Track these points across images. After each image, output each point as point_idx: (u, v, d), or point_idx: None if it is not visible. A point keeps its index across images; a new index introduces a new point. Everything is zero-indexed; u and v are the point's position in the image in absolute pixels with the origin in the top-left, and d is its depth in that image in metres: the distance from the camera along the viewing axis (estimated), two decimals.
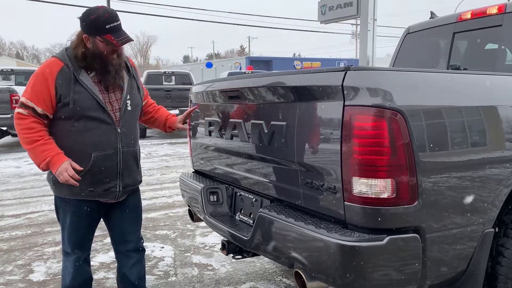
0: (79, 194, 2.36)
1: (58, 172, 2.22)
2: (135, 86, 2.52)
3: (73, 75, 2.27)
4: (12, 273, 3.55)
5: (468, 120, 1.91)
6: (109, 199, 2.46)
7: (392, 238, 1.72)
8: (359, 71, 1.80)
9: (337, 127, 1.80)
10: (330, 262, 1.78)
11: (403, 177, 1.72)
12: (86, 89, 2.29)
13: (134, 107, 2.48)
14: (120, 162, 2.41)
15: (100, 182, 2.37)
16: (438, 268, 1.88)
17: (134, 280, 2.60)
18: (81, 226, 2.46)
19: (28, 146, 2.25)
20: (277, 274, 3.45)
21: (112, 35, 2.27)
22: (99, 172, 2.35)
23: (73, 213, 2.42)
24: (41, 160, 2.24)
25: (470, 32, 3.52)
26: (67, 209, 2.43)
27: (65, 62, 2.28)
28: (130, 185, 2.51)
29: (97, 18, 2.26)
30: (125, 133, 2.42)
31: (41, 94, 2.24)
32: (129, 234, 2.61)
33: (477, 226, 1.94)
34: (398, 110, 1.72)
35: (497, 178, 1.97)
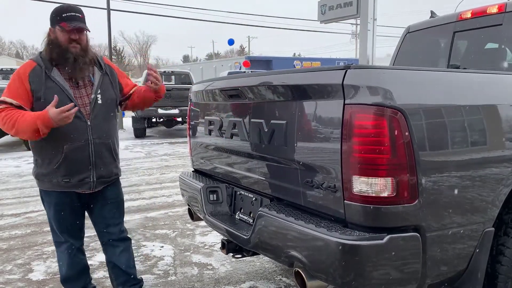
0: (58, 186, 2.52)
1: (55, 119, 2.29)
2: (107, 82, 2.65)
3: (45, 73, 2.44)
4: (12, 272, 3.55)
5: (468, 119, 1.90)
6: (85, 189, 2.57)
7: (392, 237, 1.72)
8: (359, 69, 1.80)
9: (337, 126, 1.80)
10: (330, 261, 1.78)
11: (403, 176, 1.71)
12: (57, 84, 2.45)
13: (105, 100, 2.60)
14: (92, 153, 2.52)
15: (74, 173, 2.51)
16: (438, 267, 1.88)
17: (124, 267, 2.69)
18: (64, 217, 2.60)
19: (14, 127, 2.34)
20: (277, 274, 3.44)
21: (66, 23, 2.44)
22: (72, 163, 2.49)
23: (55, 204, 2.58)
24: (31, 124, 2.30)
25: (470, 32, 3.52)
26: (50, 200, 2.59)
27: (37, 62, 2.48)
28: (105, 176, 2.62)
29: (57, 8, 2.50)
30: (96, 125, 2.54)
31: (16, 91, 2.41)
32: (111, 226, 2.72)
33: (477, 225, 1.94)
34: (398, 108, 1.72)
35: (497, 177, 1.97)
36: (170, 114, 12.85)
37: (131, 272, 2.72)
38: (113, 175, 2.69)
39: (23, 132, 2.37)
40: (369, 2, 9.90)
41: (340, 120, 1.78)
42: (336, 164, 1.81)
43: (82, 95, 2.54)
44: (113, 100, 2.69)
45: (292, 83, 2.05)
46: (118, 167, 2.73)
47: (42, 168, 2.54)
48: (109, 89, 2.65)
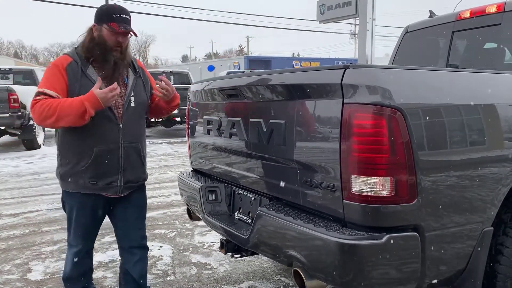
0: (83, 187, 2.44)
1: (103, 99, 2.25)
2: (140, 85, 2.59)
3: (81, 69, 2.37)
4: (10, 272, 3.54)
5: (467, 118, 1.90)
6: (111, 193, 2.50)
7: (391, 237, 1.72)
8: (358, 69, 1.80)
9: (336, 125, 1.79)
10: (329, 261, 1.78)
11: (402, 175, 1.71)
12: (92, 82, 2.35)
13: (137, 104, 2.53)
14: (122, 157, 2.46)
15: (102, 176, 2.43)
16: (437, 267, 1.88)
17: (137, 277, 2.64)
18: (85, 219, 2.51)
19: (55, 114, 2.24)
20: (276, 273, 3.44)
21: (116, 24, 2.37)
22: (101, 166, 2.41)
23: (78, 206, 2.49)
24: (77, 107, 2.23)
25: (469, 31, 3.52)
26: (73, 202, 2.50)
27: (73, 57, 2.40)
28: (133, 181, 2.55)
29: (108, 7, 2.44)
30: (127, 129, 2.47)
31: (56, 83, 2.33)
32: (132, 232, 2.65)
33: (476, 224, 1.94)
34: (397, 108, 1.72)
35: (496, 177, 1.97)
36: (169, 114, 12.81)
37: (142, 283, 2.66)
38: (140, 180, 2.62)
39: (67, 116, 2.25)
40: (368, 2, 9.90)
41: (339, 120, 1.78)
42: (335, 164, 1.81)
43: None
44: (145, 103, 2.63)
45: (291, 82, 2.04)
46: (145, 172, 2.67)
47: (67, 168, 2.45)
48: (142, 92, 2.60)
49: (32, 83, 11.75)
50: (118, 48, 2.43)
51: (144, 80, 2.63)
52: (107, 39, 2.40)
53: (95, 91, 2.26)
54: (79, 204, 2.49)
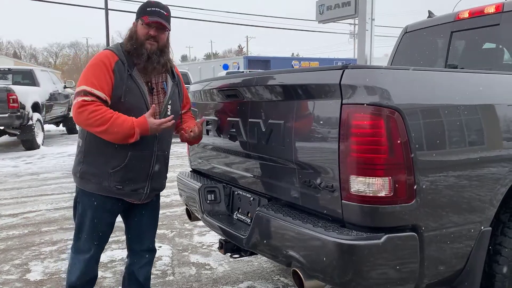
0: (106, 191, 2.35)
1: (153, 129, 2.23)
2: (176, 93, 2.52)
3: (127, 70, 2.29)
4: (9, 273, 3.54)
5: (466, 119, 1.90)
6: (134, 199, 2.44)
7: (390, 237, 1.72)
8: (356, 69, 1.80)
9: (334, 126, 1.80)
10: (328, 261, 1.78)
11: (400, 176, 1.72)
12: (138, 86, 2.31)
13: (173, 112, 2.45)
14: (153, 165, 2.41)
15: (130, 181, 2.36)
16: (435, 267, 1.88)
17: (142, 280, 2.62)
18: (102, 223, 2.42)
19: (104, 126, 2.16)
20: (275, 273, 3.44)
21: (148, 16, 2.32)
22: (131, 172, 2.34)
23: (96, 208, 2.38)
24: (127, 129, 2.18)
25: (468, 31, 3.52)
26: (91, 203, 2.38)
27: (120, 56, 2.31)
28: (157, 189, 2.52)
29: (145, 2, 2.39)
30: (162, 137, 2.42)
31: (104, 82, 2.22)
32: (146, 236, 2.63)
33: (474, 225, 1.94)
34: (395, 108, 1.72)
35: (494, 177, 1.97)
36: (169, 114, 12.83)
37: (146, 285, 2.65)
38: (162, 188, 2.58)
39: (115, 134, 2.18)
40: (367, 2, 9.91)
41: (338, 120, 1.78)
42: (333, 164, 1.81)
43: (154, 103, 2.38)
44: (178, 114, 2.55)
45: (290, 83, 2.05)
46: (166, 179, 2.61)
47: (92, 167, 2.34)
48: (177, 101, 2.52)
49: (31, 83, 11.75)
50: (154, 43, 2.34)
51: (179, 89, 2.56)
52: (139, 33, 2.34)
53: (149, 120, 2.21)
54: (97, 206, 2.38)
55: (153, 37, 2.33)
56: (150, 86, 2.39)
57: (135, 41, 2.33)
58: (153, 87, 2.40)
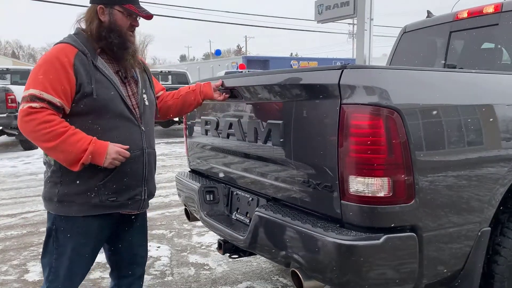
0: (97, 208, 1.97)
1: (111, 157, 1.88)
2: (147, 80, 2.21)
3: (92, 62, 1.93)
4: (7, 273, 3.53)
5: (465, 118, 1.90)
6: (132, 209, 2.08)
7: (389, 237, 1.72)
8: (355, 69, 1.80)
9: (333, 126, 1.79)
10: (327, 261, 1.78)
11: (399, 176, 1.71)
12: (107, 78, 1.96)
13: (150, 102, 2.16)
14: (145, 165, 2.08)
15: (125, 189, 2.02)
16: (434, 267, 1.88)
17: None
18: (86, 252, 2.03)
19: (54, 142, 1.81)
20: (274, 274, 3.44)
21: (135, 6, 2.03)
22: (124, 178, 2.00)
23: (80, 234, 1.98)
24: (79, 152, 1.83)
25: (467, 31, 3.52)
26: (72, 230, 1.97)
27: (79, 47, 1.93)
28: (152, 193, 2.20)
29: None
30: (147, 131, 2.11)
31: (57, 83, 1.84)
32: (139, 257, 2.28)
33: (473, 225, 1.94)
34: (394, 108, 1.72)
35: (493, 177, 1.97)
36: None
37: None
38: (155, 191, 2.25)
39: (62, 151, 1.83)
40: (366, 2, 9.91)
41: (337, 120, 1.77)
42: (332, 164, 1.81)
43: (129, 94, 2.05)
44: (154, 102, 2.24)
45: (289, 83, 2.04)
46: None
47: (74, 185, 1.94)
48: (150, 89, 2.20)
49: None
50: (132, 33, 2.07)
51: (149, 76, 2.23)
52: (121, 23, 2.01)
53: (110, 147, 1.88)
54: (81, 232, 1.98)
55: (134, 29, 2.07)
56: (121, 75, 2.05)
57: (117, 33, 2.00)
58: (125, 75, 2.06)
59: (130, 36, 2.06)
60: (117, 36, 2.00)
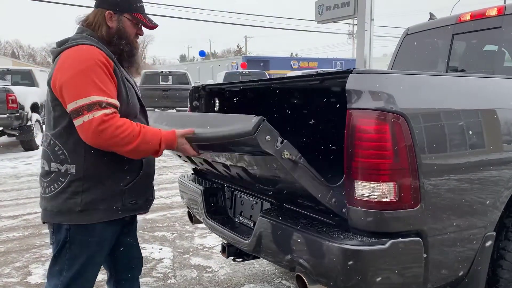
0: (117, 212, 1.95)
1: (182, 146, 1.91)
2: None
3: (117, 67, 1.92)
4: (10, 276, 3.53)
5: (470, 122, 1.90)
6: (145, 210, 2.11)
7: (395, 242, 1.72)
8: (361, 74, 1.80)
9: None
10: (332, 266, 1.78)
11: (405, 181, 1.71)
12: (131, 83, 2.00)
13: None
14: (153, 165, 2.13)
15: (144, 191, 2.05)
16: (439, 272, 1.88)
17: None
18: (100, 260, 2.01)
19: (135, 142, 1.78)
20: (277, 276, 3.44)
21: (143, 16, 2.04)
22: (144, 181, 2.02)
23: (96, 242, 1.94)
24: (156, 142, 1.83)
25: (470, 34, 3.52)
26: (89, 239, 1.92)
27: (105, 51, 1.89)
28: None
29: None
30: None
31: (112, 87, 1.84)
32: (137, 259, 2.27)
33: (478, 229, 1.94)
34: (400, 113, 1.72)
35: (498, 180, 1.97)
36: None
37: None
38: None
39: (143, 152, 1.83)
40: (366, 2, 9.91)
41: None
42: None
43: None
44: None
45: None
46: None
47: (99, 191, 1.88)
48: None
49: (30, 83, 11.72)
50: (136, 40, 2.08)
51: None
52: (129, 31, 2.01)
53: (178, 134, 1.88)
54: (99, 239, 1.94)
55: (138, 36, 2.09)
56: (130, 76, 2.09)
57: (126, 40, 2.01)
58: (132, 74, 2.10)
59: (136, 43, 2.07)
60: (126, 44, 2.01)
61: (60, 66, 1.82)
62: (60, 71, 1.81)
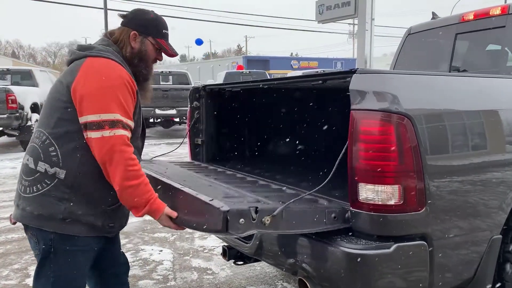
0: (97, 231, 1.88)
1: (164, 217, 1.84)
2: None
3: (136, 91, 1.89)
4: (8, 278, 3.49)
5: (476, 123, 1.87)
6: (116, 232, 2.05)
7: (400, 246, 1.69)
8: (365, 74, 1.76)
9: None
10: (336, 270, 1.74)
11: (410, 183, 1.68)
12: (140, 106, 1.94)
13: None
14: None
15: (121, 217, 1.98)
16: (445, 276, 1.85)
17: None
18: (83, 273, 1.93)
19: (137, 180, 1.74)
20: (278, 278, 3.40)
21: (166, 43, 2.03)
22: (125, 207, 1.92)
23: (82, 253, 1.87)
24: (144, 201, 1.77)
25: (473, 33, 3.49)
26: (73, 248, 1.84)
27: (130, 72, 1.88)
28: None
29: (157, 18, 2.03)
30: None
31: (132, 110, 1.83)
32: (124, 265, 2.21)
33: (484, 232, 1.91)
34: (405, 114, 1.68)
35: (504, 182, 1.94)
36: (168, 115, 12.80)
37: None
38: None
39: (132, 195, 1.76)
40: (367, 2, 9.88)
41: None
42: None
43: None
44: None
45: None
46: None
47: (81, 206, 1.80)
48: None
49: (30, 83, 11.69)
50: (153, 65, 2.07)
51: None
52: (150, 55, 2.00)
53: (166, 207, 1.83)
54: (83, 250, 1.87)
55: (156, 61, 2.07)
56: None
57: (145, 63, 2.00)
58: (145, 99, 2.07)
59: (152, 69, 2.05)
60: (145, 67, 1.99)
61: (85, 74, 1.78)
62: (85, 79, 1.77)
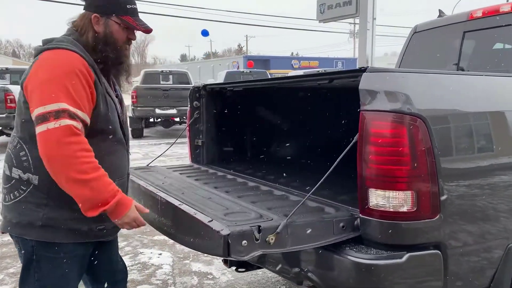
0: (84, 236, 1.75)
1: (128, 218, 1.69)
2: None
3: (99, 79, 1.74)
4: (3, 282, 3.40)
5: (492, 124, 1.77)
6: (113, 235, 1.94)
7: (412, 255, 1.59)
8: (375, 73, 1.66)
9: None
10: (344, 281, 1.64)
11: (424, 189, 1.58)
12: (111, 96, 1.80)
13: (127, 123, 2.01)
14: (127, 190, 1.95)
15: None
16: (459, 285, 1.75)
17: None
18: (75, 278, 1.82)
19: (90, 175, 1.57)
20: (280, 284, 3.31)
21: (133, 19, 1.84)
22: None
23: (68, 260, 1.75)
24: (108, 197, 1.62)
25: (481, 31, 3.39)
26: (57, 257, 1.72)
27: (88, 60, 1.71)
28: None
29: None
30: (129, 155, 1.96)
31: (86, 101, 1.64)
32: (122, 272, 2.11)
33: (500, 240, 1.81)
34: (418, 115, 1.58)
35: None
36: (168, 114, 12.72)
37: None
38: None
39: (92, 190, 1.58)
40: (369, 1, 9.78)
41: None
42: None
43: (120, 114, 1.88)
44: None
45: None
46: None
47: (62, 211, 1.69)
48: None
49: None
50: (127, 46, 1.89)
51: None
52: (117, 36, 1.82)
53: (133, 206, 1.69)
54: (67, 258, 1.74)
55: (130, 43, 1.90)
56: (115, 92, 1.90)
57: (113, 46, 1.81)
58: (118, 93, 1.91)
59: (125, 50, 1.88)
60: (113, 50, 1.81)
61: (36, 69, 1.66)
62: (35, 74, 1.64)
